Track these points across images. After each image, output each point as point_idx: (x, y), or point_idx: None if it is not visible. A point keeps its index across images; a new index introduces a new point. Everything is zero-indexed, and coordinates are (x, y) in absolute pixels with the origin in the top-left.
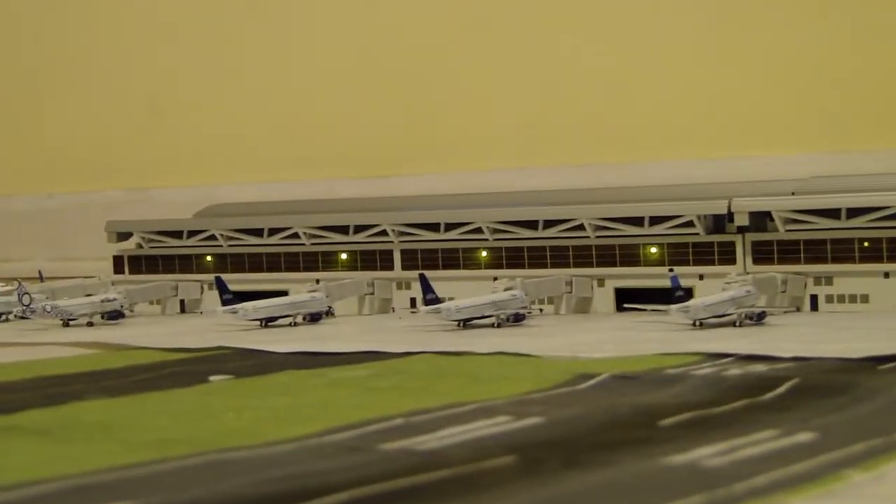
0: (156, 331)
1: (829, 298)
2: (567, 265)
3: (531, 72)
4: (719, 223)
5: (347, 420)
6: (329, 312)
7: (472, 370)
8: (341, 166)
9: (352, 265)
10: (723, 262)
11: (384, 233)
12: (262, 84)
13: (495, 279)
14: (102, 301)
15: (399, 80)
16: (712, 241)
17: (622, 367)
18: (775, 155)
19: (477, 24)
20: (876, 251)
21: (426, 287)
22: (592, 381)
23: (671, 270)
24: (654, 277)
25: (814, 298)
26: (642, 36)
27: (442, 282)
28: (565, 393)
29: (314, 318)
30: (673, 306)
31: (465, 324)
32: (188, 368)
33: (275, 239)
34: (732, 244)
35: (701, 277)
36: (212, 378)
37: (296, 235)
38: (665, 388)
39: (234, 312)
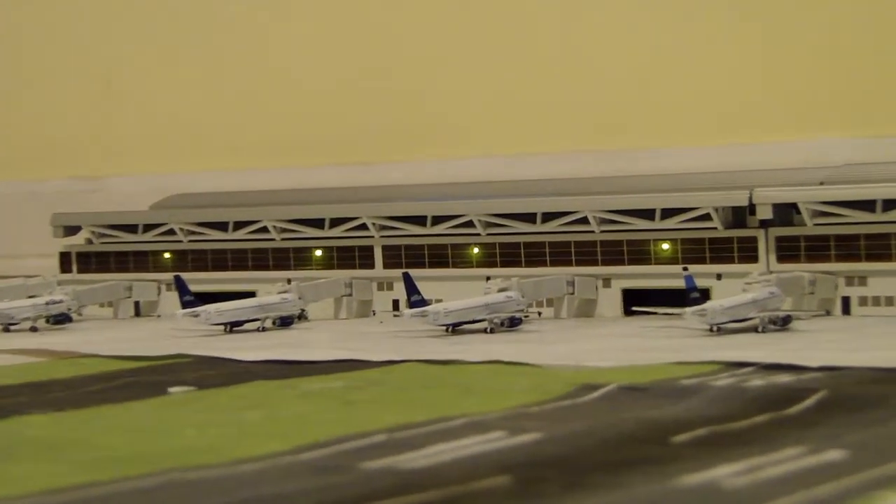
0: (108, 336)
1: (863, 301)
2: (569, 263)
3: (528, 48)
4: (739, 216)
5: (323, 436)
6: (302, 316)
7: (462, 380)
8: (316, 152)
9: (327, 263)
10: (743, 259)
11: (364, 227)
12: (227, 62)
13: (488, 279)
14: (47, 303)
15: (381, 56)
16: (731, 236)
17: (630, 378)
18: (802, 140)
19: None
20: None
21: (411, 287)
22: (597, 393)
23: (685, 269)
24: (666, 277)
25: (846, 301)
26: (653, 9)
27: (428, 282)
28: (566, 406)
29: (285, 322)
30: (687, 309)
31: (455, 329)
32: (144, 379)
33: (241, 233)
34: (754, 240)
35: (719, 277)
36: (171, 390)
37: (265, 230)
38: (678, 400)
39: (196, 316)
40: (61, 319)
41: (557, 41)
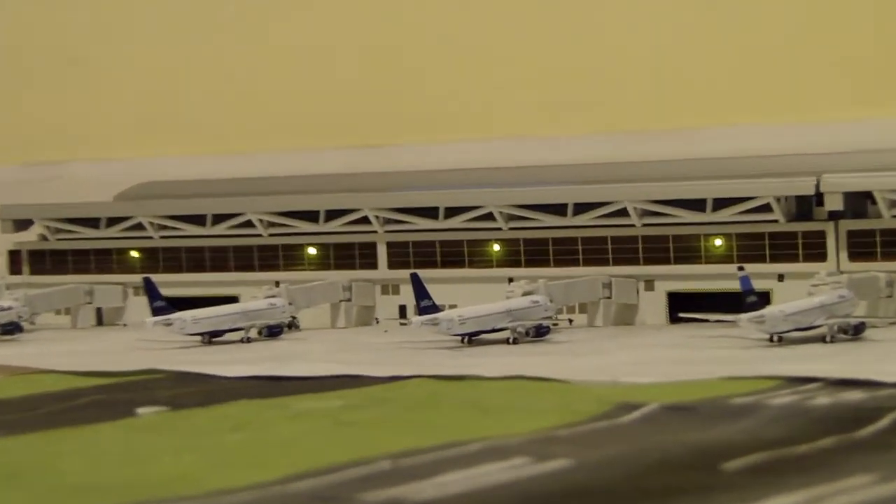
0: (66, 349)
1: None
2: (605, 262)
3: (557, 13)
4: (805, 207)
5: (318, 463)
6: (293, 325)
7: (479, 399)
8: (310, 134)
9: (322, 263)
10: (809, 258)
11: (365, 220)
12: (207, 32)
13: (511, 281)
14: None
15: (388, 22)
16: (795, 230)
17: (675, 396)
18: (878, 117)
19: None
20: None
21: (420, 291)
22: (636, 414)
23: (741, 269)
24: (719, 278)
25: None
26: None
27: (441, 284)
28: (600, 428)
29: (273, 331)
30: (743, 316)
31: (471, 339)
32: (110, 398)
33: (221, 228)
34: (822, 234)
35: (780, 278)
36: (140, 410)
37: (249, 224)
38: (731, 421)
39: (169, 325)
40: (11, 329)
41: (591, 2)
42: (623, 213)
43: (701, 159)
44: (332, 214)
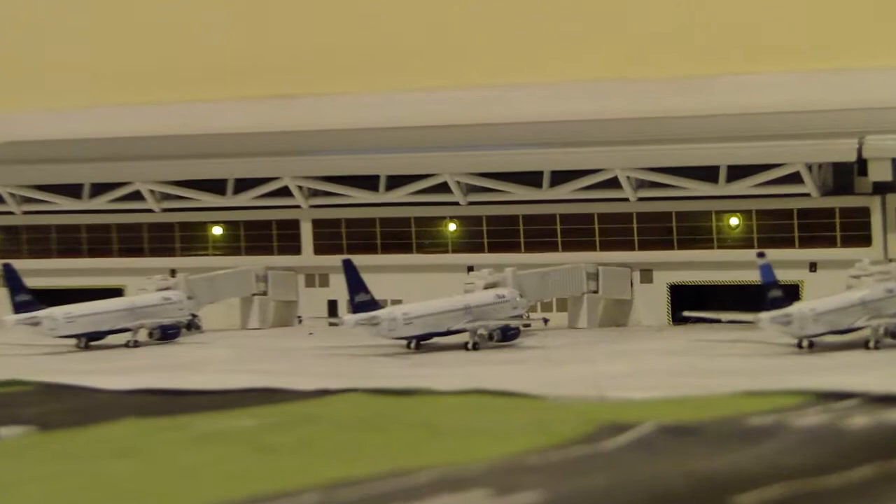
0: None
1: None
2: (591, 247)
3: None
4: (844, 177)
5: (229, 497)
6: (193, 325)
7: (430, 418)
8: (213, 81)
9: (231, 246)
10: (849, 241)
11: (286, 191)
12: None
13: (470, 270)
14: None
15: None
16: (832, 207)
17: (676, 414)
18: None
19: None
20: None
21: (355, 283)
22: (627, 436)
23: (762, 256)
24: (734, 268)
25: None
26: None
27: (381, 274)
28: (582, 454)
29: (168, 333)
30: (764, 315)
31: (420, 343)
32: None
33: (102, 201)
34: (866, 212)
35: (812, 268)
36: (1, 431)
37: (138, 196)
38: (745, 446)
39: (35, 324)
40: None
41: None
42: (614, 183)
43: (713, 115)
44: (243, 184)
